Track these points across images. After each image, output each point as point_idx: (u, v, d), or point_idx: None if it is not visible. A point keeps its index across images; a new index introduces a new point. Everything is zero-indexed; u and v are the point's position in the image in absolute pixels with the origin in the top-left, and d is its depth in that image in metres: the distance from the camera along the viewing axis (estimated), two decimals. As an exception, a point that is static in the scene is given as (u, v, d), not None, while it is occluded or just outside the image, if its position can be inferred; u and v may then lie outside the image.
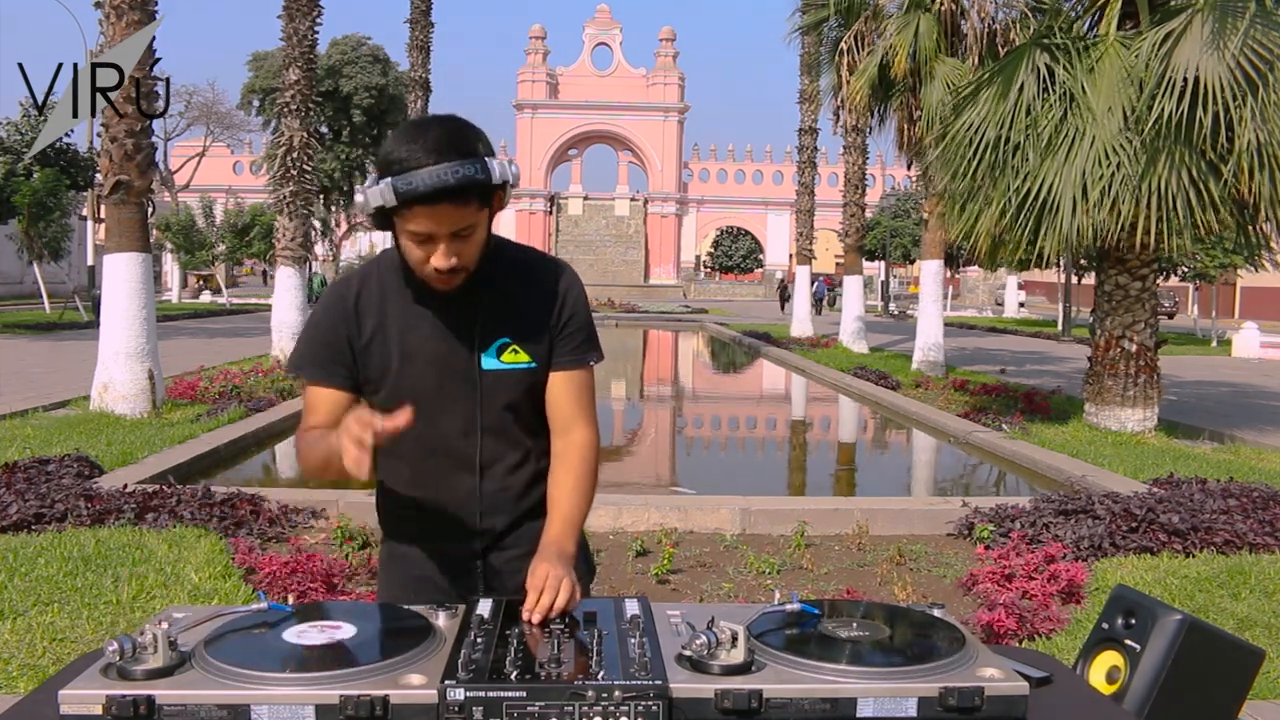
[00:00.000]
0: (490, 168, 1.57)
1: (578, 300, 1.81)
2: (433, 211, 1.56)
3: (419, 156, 1.54)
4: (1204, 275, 23.45)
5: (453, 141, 1.57)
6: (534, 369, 1.76)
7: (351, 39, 35.91)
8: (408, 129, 1.60)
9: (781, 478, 9.32)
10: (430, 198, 1.54)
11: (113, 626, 3.73)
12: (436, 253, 1.62)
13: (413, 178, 1.54)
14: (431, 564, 1.80)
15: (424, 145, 1.55)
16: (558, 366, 1.79)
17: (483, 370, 1.73)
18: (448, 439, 1.76)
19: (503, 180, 1.60)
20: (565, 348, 1.79)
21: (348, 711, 1.19)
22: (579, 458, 1.79)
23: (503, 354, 1.74)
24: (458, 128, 1.61)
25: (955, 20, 12.25)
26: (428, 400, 1.72)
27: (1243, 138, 7.69)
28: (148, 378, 8.86)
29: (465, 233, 1.61)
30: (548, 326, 1.77)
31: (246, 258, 34.27)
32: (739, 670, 1.26)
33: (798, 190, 24.83)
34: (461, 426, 1.75)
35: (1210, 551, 5.01)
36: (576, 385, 1.80)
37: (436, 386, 1.73)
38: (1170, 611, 1.92)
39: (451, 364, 1.73)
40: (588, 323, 1.82)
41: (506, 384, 1.75)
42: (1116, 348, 9.08)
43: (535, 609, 1.47)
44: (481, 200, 1.60)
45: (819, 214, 25.96)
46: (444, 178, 1.53)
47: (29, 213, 21.45)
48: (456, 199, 1.56)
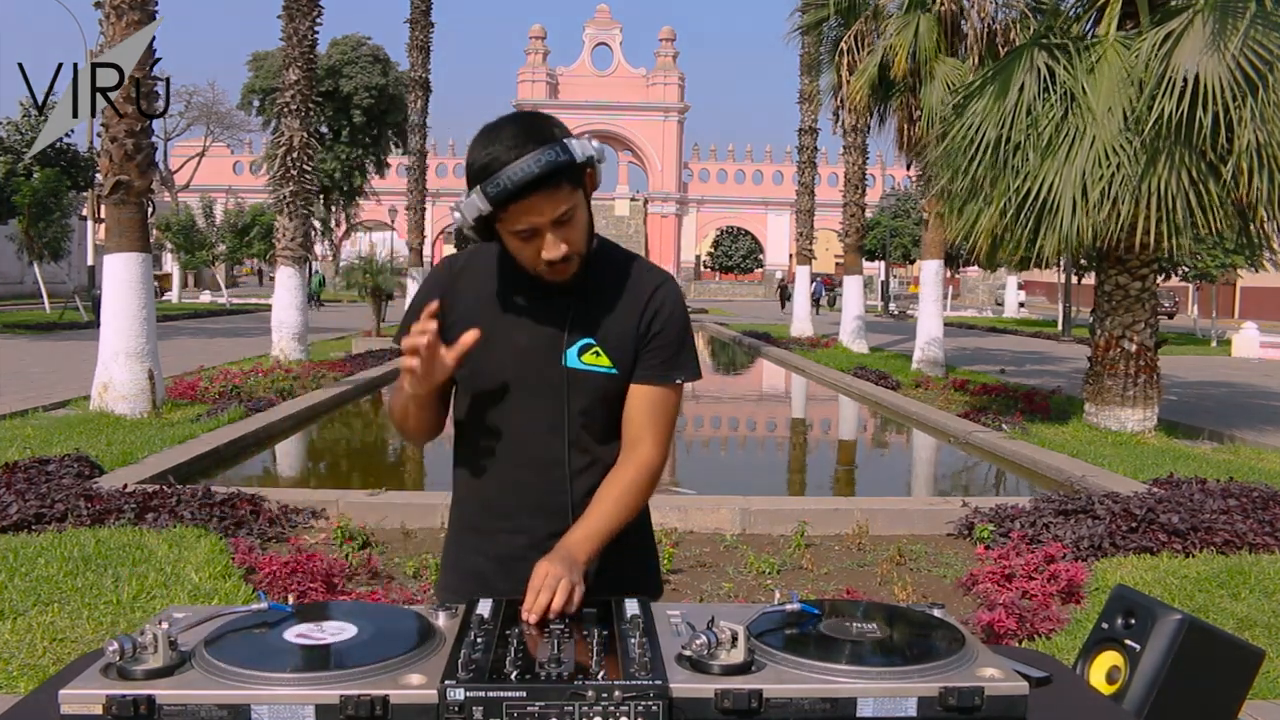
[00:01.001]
0: (571, 147, 1.58)
1: (672, 313, 1.75)
2: (529, 205, 1.57)
3: (501, 156, 1.55)
4: (1204, 275, 23.45)
5: (528, 133, 1.57)
6: (614, 375, 1.72)
7: (351, 39, 35.90)
8: (482, 135, 1.61)
9: (781, 478, 9.32)
10: (521, 192, 1.55)
11: (113, 626, 3.73)
12: (545, 245, 1.62)
13: (499, 178, 1.54)
14: (488, 559, 1.79)
15: (502, 144, 1.56)
16: (639, 379, 1.74)
17: (566, 368, 1.71)
18: (525, 433, 1.74)
19: (586, 157, 1.60)
20: (650, 361, 1.74)
21: (348, 711, 1.19)
22: (633, 475, 1.73)
23: (584, 354, 1.72)
24: (529, 119, 1.62)
25: (955, 20, 12.26)
26: (506, 389, 1.73)
27: (1242, 138, 7.69)
28: (148, 378, 8.86)
29: (566, 217, 1.61)
30: (634, 334, 1.73)
31: (247, 257, 34.27)
32: (739, 670, 1.26)
33: (798, 190, 24.83)
34: (540, 422, 1.73)
35: (1210, 551, 5.02)
36: (653, 402, 1.75)
37: (516, 377, 1.72)
38: (1170, 611, 1.92)
39: (533, 357, 1.72)
40: (679, 339, 1.76)
41: (585, 386, 1.72)
42: (1116, 348, 9.08)
43: (532, 609, 1.46)
44: (572, 182, 1.60)
45: (819, 214, 25.98)
46: (529, 169, 1.53)
47: (29, 213, 21.46)
48: (547, 186, 1.56)
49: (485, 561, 1.79)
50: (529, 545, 1.75)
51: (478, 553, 1.80)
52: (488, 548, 1.79)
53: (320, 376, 12.12)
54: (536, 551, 1.72)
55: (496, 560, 1.78)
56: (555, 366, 1.71)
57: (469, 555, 1.81)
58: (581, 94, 58.20)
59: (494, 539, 1.79)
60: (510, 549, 1.76)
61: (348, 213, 40.58)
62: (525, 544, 1.76)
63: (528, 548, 1.75)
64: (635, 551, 1.84)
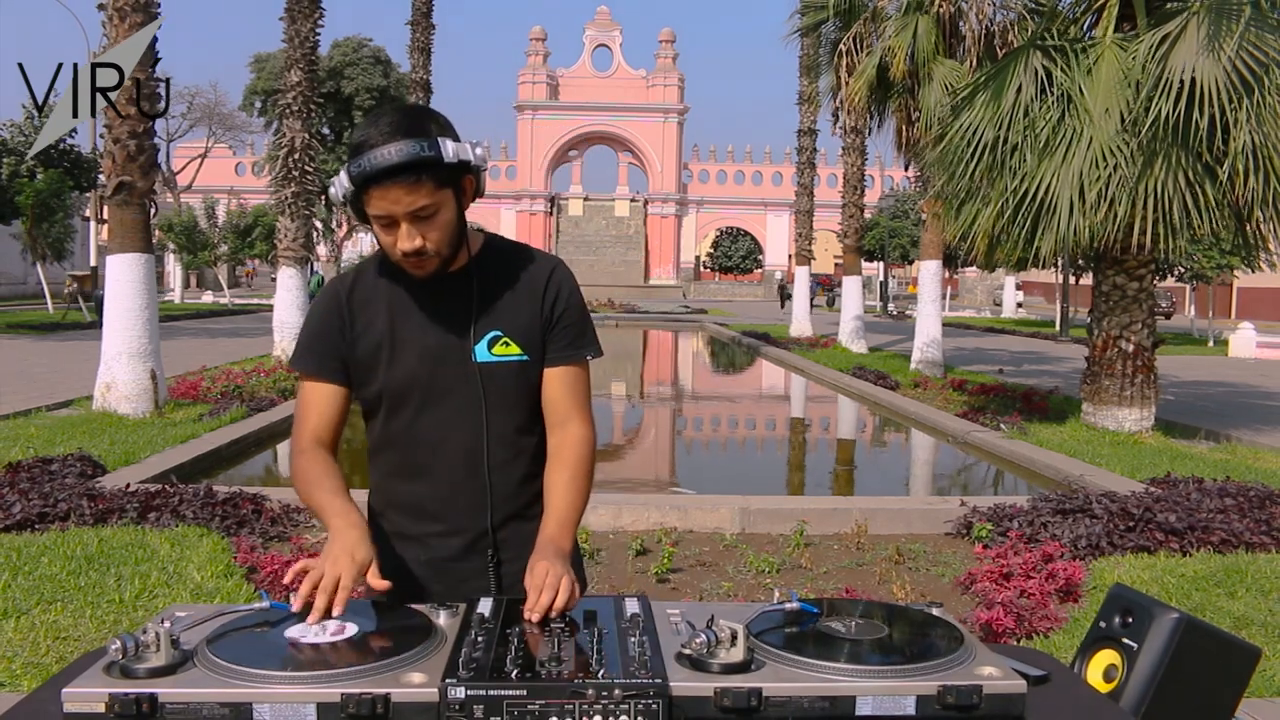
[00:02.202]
0: (442, 147, 1.58)
1: (571, 294, 1.80)
2: (386, 193, 1.58)
3: (371, 139, 1.58)
4: (1201, 276, 23.44)
5: (405, 124, 1.59)
6: (525, 362, 1.76)
7: (353, 41, 35.89)
8: (369, 116, 1.64)
9: (781, 477, 9.33)
10: (378, 177, 1.57)
11: (115, 625, 3.74)
12: (399, 236, 1.63)
13: (362, 160, 1.57)
14: (419, 563, 1.78)
15: (378, 129, 1.59)
16: (551, 362, 1.78)
17: (476, 362, 1.73)
18: (444, 432, 1.75)
19: (459, 160, 1.60)
20: (559, 342, 1.78)
21: (349, 710, 1.19)
22: (574, 454, 1.77)
23: (494, 346, 1.74)
24: (413, 112, 1.64)
25: (954, 22, 12.26)
26: (421, 392, 1.73)
27: (1238, 140, 7.69)
28: (150, 377, 8.87)
29: (424, 213, 1.62)
30: (539, 320, 1.76)
31: (249, 258, 34.24)
32: (738, 669, 1.27)
33: (797, 191, 24.82)
34: (459, 420, 1.74)
35: (1207, 550, 5.02)
36: (570, 380, 1.80)
37: (429, 378, 1.73)
38: (1167, 610, 1.92)
39: (444, 356, 1.73)
40: (581, 318, 1.81)
41: (499, 377, 1.74)
42: (1114, 348, 9.09)
43: (535, 608, 1.47)
44: (437, 181, 1.60)
45: (818, 215, 25.96)
46: (388, 157, 1.55)
47: (33, 213, 21.44)
48: (406, 178, 1.57)
49: (418, 566, 1.78)
50: (464, 545, 1.77)
51: (410, 558, 1.79)
52: (419, 553, 1.79)
53: (320, 377, 12.10)
54: (472, 551, 1.76)
55: (430, 565, 1.78)
56: (466, 363, 1.73)
57: (399, 560, 1.79)
58: (582, 95, 58.14)
59: (426, 544, 1.78)
60: (445, 551, 1.77)
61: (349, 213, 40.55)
62: (460, 545, 1.77)
63: (463, 549, 1.77)
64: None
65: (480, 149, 1.65)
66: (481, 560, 1.78)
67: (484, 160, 1.66)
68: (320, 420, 1.77)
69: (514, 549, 1.78)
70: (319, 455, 1.74)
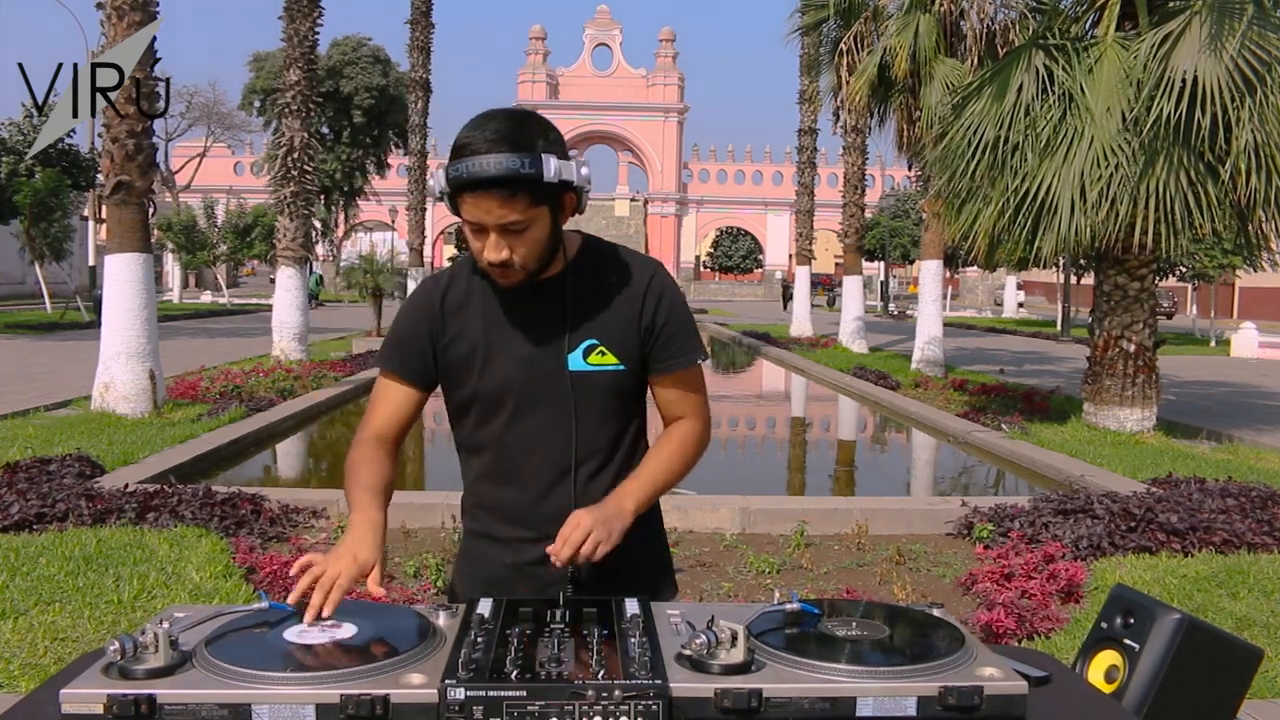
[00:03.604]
0: (544, 164, 1.54)
1: (674, 300, 1.77)
2: (479, 201, 1.56)
3: (474, 144, 1.54)
4: (1203, 275, 23.44)
5: (510, 133, 1.55)
6: (622, 371, 1.73)
7: (352, 40, 35.94)
8: (477, 118, 1.59)
9: (781, 477, 9.32)
10: (473, 186, 1.54)
11: (114, 626, 3.74)
12: (487, 245, 1.61)
13: (461, 165, 1.54)
14: (506, 566, 1.78)
15: (483, 134, 1.55)
16: (664, 370, 1.77)
17: (570, 371, 1.70)
18: (534, 439, 1.73)
19: (560, 179, 1.56)
20: (669, 349, 1.76)
21: (348, 711, 1.19)
22: (681, 436, 1.79)
23: (589, 355, 1.71)
24: (522, 120, 1.59)
25: (955, 21, 12.25)
26: (514, 399, 1.72)
27: (1240, 139, 7.69)
28: (149, 377, 8.87)
29: (515, 227, 1.59)
30: (638, 328, 1.73)
31: (248, 258, 34.27)
32: (739, 670, 1.26)
33: (797, 191, 24.83)
34: (549, 428, 1.72)
35: (1209, 551, 5.02)
36: (685, 387, 1.80)
37: (522, 385, 1.71)
38: (1169, 611, 1.92)
39: (537, 364, 1.70)
40: (688, 322, 1.79)
41: (594, 386, 1.71)
42: (1115, 348, 9.08)
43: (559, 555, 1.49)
44: (533, 198, 1.56)
45: (819, 214, 25.98)
46: (486, 168, 1.52)
47: (31, 213, 21.44)
48: (502, 190, 1.54)
49: (505, 569, 1.78)
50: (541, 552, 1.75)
51: (497, 561, 1.79)
52: (508, 556, 1.78)
53: (321, 376, 12.13)
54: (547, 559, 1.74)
55: (516, 567, 1.77)
56: (560, 371, 1.70)
57: (488, 565, 1.80)
58: (581, 94, 58.19)
59: (514, 547, 1.78)
60: (529, 556, 1.75)
61: (348, 213, 40.59)
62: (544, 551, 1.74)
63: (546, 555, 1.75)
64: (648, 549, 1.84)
65: (585, 168, 1.61)
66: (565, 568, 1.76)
67: (588, 180, 1.62)
68: (388, 417, 1.78)
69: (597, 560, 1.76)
70: (374, 448, 1.75)
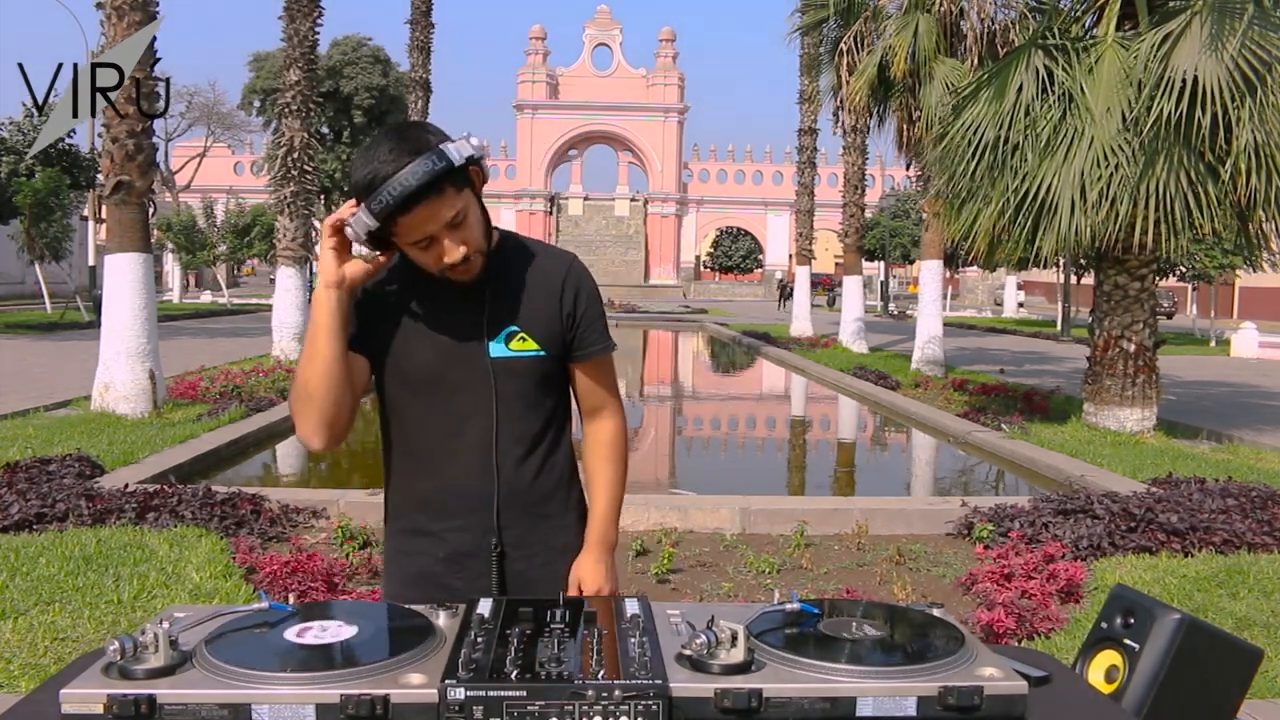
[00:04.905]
0: (448, 152, 1.57)
1: (591, 290, 1.83)
2: (417, 216, 1.58)
3: (381, 171, 1.55)
4: (1203, 275, 23.44)
5: (404, 144, 1.57)
6: (544, 357, 1.77)
7: (352, 39, 35.91)
8: (361, 151, 1.62)
9: (781, 477, 9.32)
10: (406, 204, 1.55)
11: (114, 626, 3.74)
12: (444, 250, 1.63)
13: (381, 194, 1.55)
14: (439, 560, 1.79)
15: (380, 159, 1.56)
16: (581, 357, 1.81)
17: (491, 358, 1.73)
18: (458, 426, 1.75)
19: (465, 158, 1.59)
20: (586, 337, 1.81)
21: (348, 711, 1.19)
22: (613, 448, 1.88)
23: (511, 341, 1.74)
24: (404, 130, 1.62)
25: (955, 21, 12.24)
26: (435, 386, 1.74)
27: (1240, 138, 7.69)
28: (149, 378, 8.86)
29: (458, 220, 1.62)
30: (559, 316, 1.77)
31: (248, 258, 34.26)
32: (739, 669, 1.26)
33: (797, 190, 24.83)
34: (473, 416, 1.74)
35: (1209, 551, 5.02)
36: (600, 374, 1.85)
37: (444, 372, 1.74)
38: (1169, 611, 1.92)
39: (459, 351, 1.73)
40: (601, 312, 1.85)
41: (516, 372, 1.75)
42: (1115, 348, 9.08)
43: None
44: (457, 185, 1.60)
45: (819, 214, 25.96)
46: (407, 182, 1.54)
47: (31, 213, 21.43)
48: (431, 195, 1.57)
49: (435, 562, 1.79)
50: (480, 538, 1.78)
51: (426, 554, 1.80)
52: (437, 548, 1.79)
53: (320, 376, 12.11)
54: (486, 545, 1.77)
55: (448, 560, 1.79)
56: (480, 358, 1.73)
57: (416, 558, 1.81)
58: (581, 94, 58.15)
59: (443, 538, 1.79)
60: (462, 546, 1.78)
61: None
62: (476, 538, 1.78)
63: (478, 543, 1.78)
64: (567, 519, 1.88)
65: (474, 138, 1.64)
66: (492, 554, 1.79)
67: (482, 148, 1.65)
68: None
69: (522, 548, 1.79)
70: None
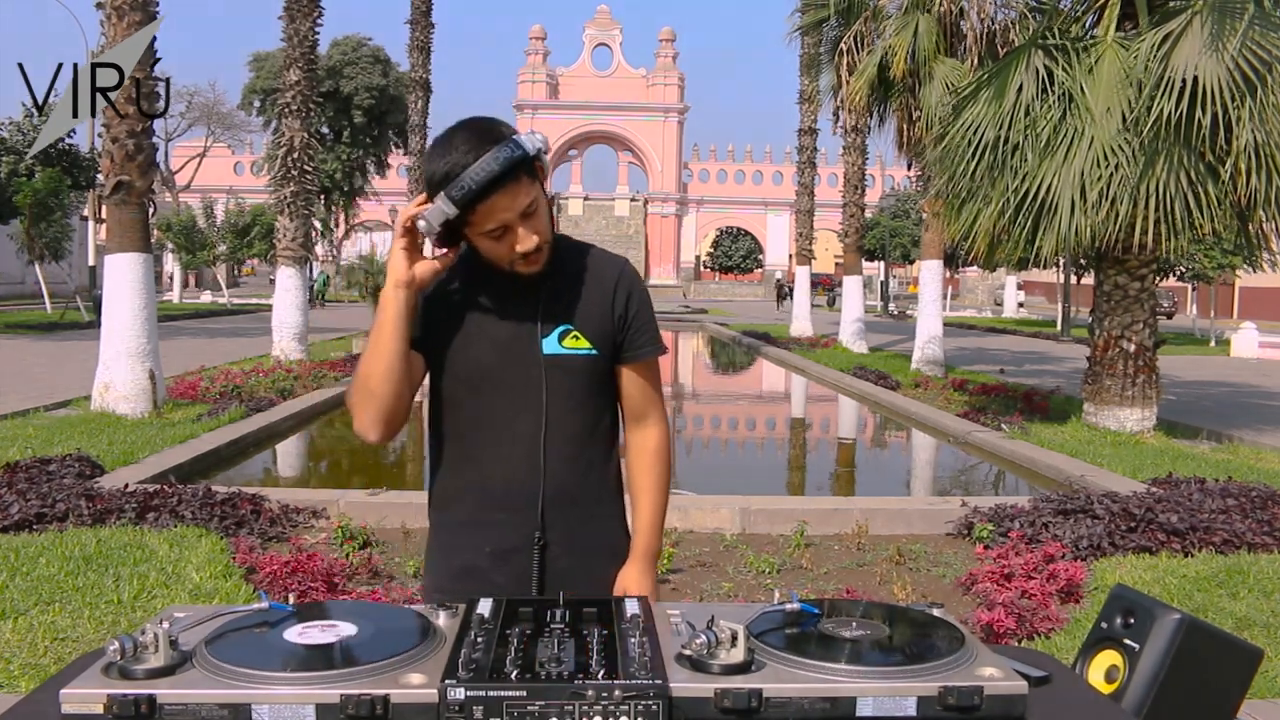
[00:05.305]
0: (522, 142, 1.64)
1: (642, 294, 1.85)
2: (495, 204, 1.63)
3: (460, 161, 1.61)
4: (1202, 275, 23.44)
5: (481, 136, 1.64)
6: (595, 356, 1.78)
7: (352, 40, 35.95)
8: (436, 145, 1.67)
9: (781, 477, 9.32)
10: (486, 191, 1.60)
11: (114, 626, 3.74)
12: (518, 238, 1.68)
13: (462, 180, 1.60)
14: (484, 554, 1.80)
15: (459, 150, 1.62)
16: (630, 359, 1.83)
17: (544, 355, 1.75)
18: (508, 421, 1.77)
19: (536, 150, 1.66)
20: (636, 340, 1.82)
21: (348, 711, 1.19)
22: (658, 457, 1.89)
23: (564, 339, 1.77)
24: (479, 123, 1.68)
25: (955, 21, 12.24)
26: (487, 381, 1.77)
27: (1240, 138, 7.69)
28: (149, 378, 8.87)
29: (531, 209, 1.67)
30: (610, 317, 1.80)
31: (248, 258, 34.26)
32: (739, 669, 1.26)
33: (797, 190, 24.84)
34: (523, 412, 1.76)
35: (1209, 551, 5.02)
36: (648, 377, 1.86)
37: (497, 367, 1.76)
38: (1169, 611, 1.92)
39: (513, 347, 1.76)
40: (651, 315, 1.86)
41: (568, 370, 1.77)
42: (1115, 348, 9.08)
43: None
44: (530, 175, 1.66)
45: (819, 214, 25.97)
46: (490, 167, 1.59)
47: (30, 213, 21.43)
48: (508, 182, 1.62)
49: (481, 556, 1.80)
50: (526, 535, 1.78)
51: (472, 548, 1.81)
52: (483, 542, 1.80)
53: (321, 376, 12.13)
54: (531, 541, 1.78)
55: (493, 555, 1.79)
56: (533, 354, 1.75)
57: (461, 552, 1.82)
58: (581, 94, 58.17)
59: (490, 532, 1.80)
60: (507, 541, 1.79)
61: (348, 213, 40.58)
62: (523, 535, 1.79)
63: (525, 538, 1.78)
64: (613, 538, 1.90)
65: (538, 134, 1.70)
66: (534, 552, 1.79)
67: (545, 142, 1.71)
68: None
69: (564, 545, 1.80)
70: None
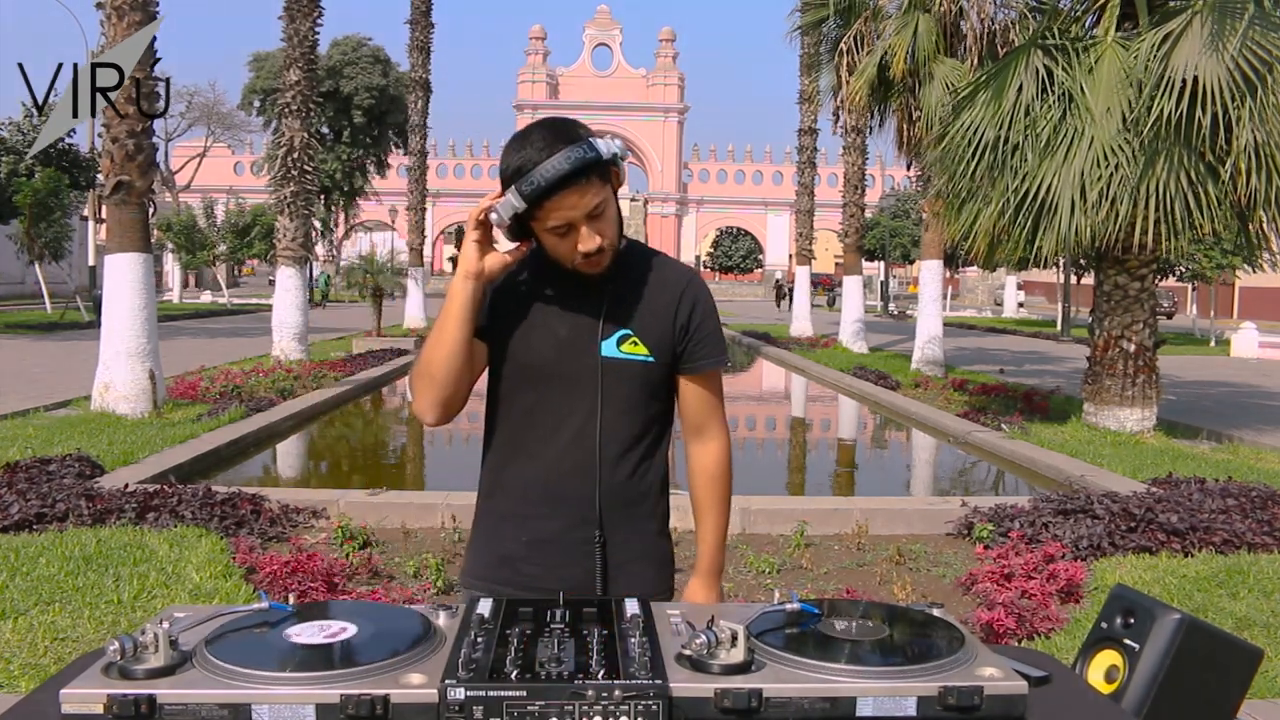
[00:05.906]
0: (597, 145, 1.66)
1: (708, 306, 1.86)
2: (562, 201, 1.65)
3: (533, 157, 1.63)
4: (1202, 275, 23.44)
5: (557, 134, 1.66)
6: (651, 363, 1.80)
7: (352, 40, 35.92)
8: (513, 140, 1.69)
9: (781, 477, 9.32)
10: (554, 188, 1.62)
11: (114, 626, 3.74)
12: (581, 238, 1.69)
13: (533, 176, 1.62)
14: (521, 543, 1.82)
15: (534, 147, 1.64)
16: (692, 370, 1.84)
17: (602, 357, 1.77)
18: (562, 418, 1.79)
19: (611, 154, 1.67)
20: (699, 351, 1.83)
21: (348, 711, 1.19)
22: (721, 476, 1.89)
23: (623, 344, 1.78)
24: (556, 123, 1.70)
25: (955, 21, 12.24)
26: (544, 375, 1.79)
27: (1240, 138, 7.69)
28: (149, 378, 8.86)
29: (598, 211, 1.69)
30: (671, 326, 1.81)
31: (248, 258, 34.26)
32: (739, 670, 1.26)
33: (797, 190, 24.84)
34: (578, 410, 1.78)
35: (1209, 551, 5.02)
36: (710, 388, 1.87)
37: (555, 363, 1.78)
38: (1169, 611, 1.92)
39: (572, 346, 1.78)
40: (717, 328, 1.87)
41: (623, 374, 1.78)
42: (1115, 348, 9.08)
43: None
44: (601, 178, 1.68)
45: (819, 214, 25.97)
46: (560, 165, 1.61)
47: (30, 213, 21.42)
48: (577, 181, 1.64)
49: (517, 546, 1.83)
50: (563, 529, 1.81)
51: (511, 538, 1.84)
52: (521, 533, 1.83)
53: (321, 376, 12.13)
54: (568, 535, 1.80)
55: (529, 544, 1.82)
56: (592, 356, 1.77)
57: (502, 541, 1.85)
58: (581, 94, 58.18)
59: (529, 523, 1.82)
60: (544, 533, 1.81)
61: (348, 213, 40.56)
62: (559, 528, 1.81)
63: (561, 531, 1.81)
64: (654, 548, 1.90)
65: (617, 140, 1.71)
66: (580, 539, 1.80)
67: (624, 151, 1.73)
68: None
69: (621, 536, 1.82)
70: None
